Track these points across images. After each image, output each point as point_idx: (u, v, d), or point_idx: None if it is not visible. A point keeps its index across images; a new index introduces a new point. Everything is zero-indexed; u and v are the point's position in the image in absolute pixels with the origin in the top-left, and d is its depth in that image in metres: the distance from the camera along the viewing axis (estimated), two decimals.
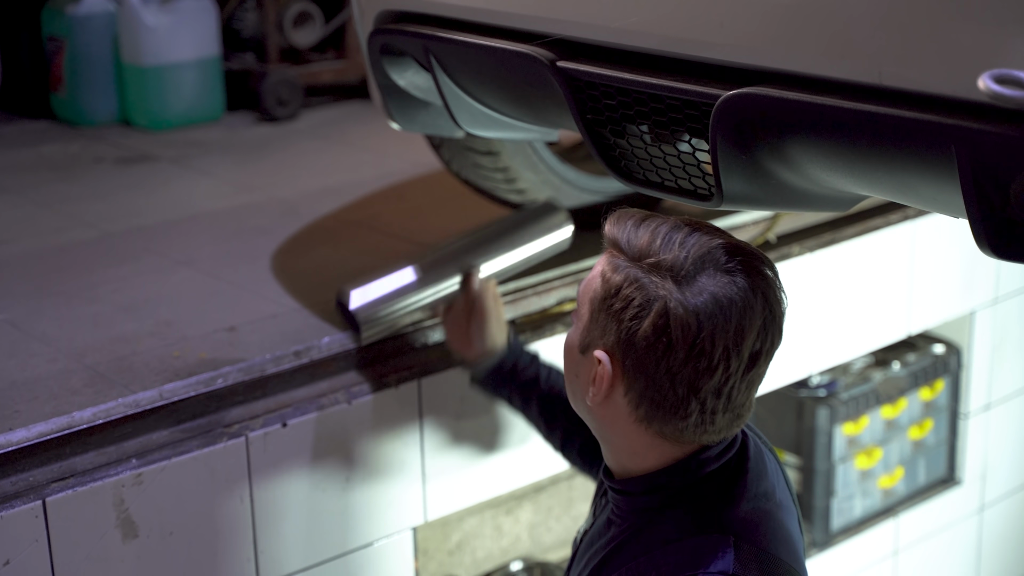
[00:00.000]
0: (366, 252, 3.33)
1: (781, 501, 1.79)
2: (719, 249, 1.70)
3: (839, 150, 1.83)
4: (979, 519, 4.08)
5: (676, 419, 1.71)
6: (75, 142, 4.54)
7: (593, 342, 1.73)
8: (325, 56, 5.14)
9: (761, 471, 1.78)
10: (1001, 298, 3.87)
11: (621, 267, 1.70)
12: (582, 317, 1.75)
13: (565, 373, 1.82)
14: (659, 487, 1.74)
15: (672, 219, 1.74)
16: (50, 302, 3.01)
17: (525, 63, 2.20)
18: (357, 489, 2.61)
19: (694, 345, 1.66)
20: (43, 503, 2.23)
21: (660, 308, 1.66)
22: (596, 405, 1.75)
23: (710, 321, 1.66)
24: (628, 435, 1.75)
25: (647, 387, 1.69)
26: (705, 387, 1.68)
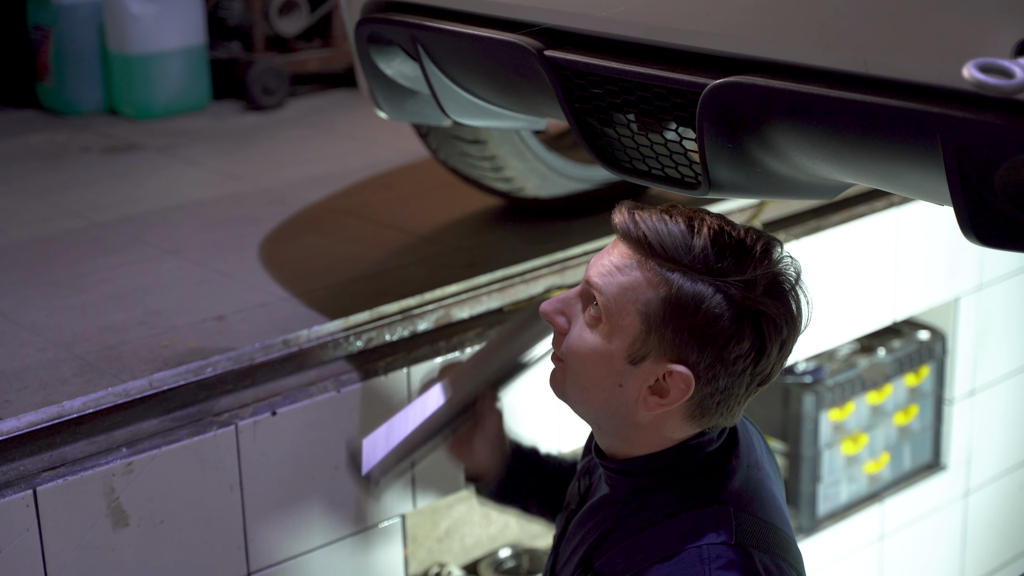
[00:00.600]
0: (354, 240, 3.34)
1: (768, 470, 1.80)
2: (763, 242, 1.67)
3: (825, 138, 1.84)
4: (964, 504, 4.10)
5: (732, 410, 1.70)
6: (61, 131, 4.54)
7: (655, 354, 1.65)
8: (311, 44, 5.14)
9: (749, 443, 1.79)
10: (985, 284, 3.89)
11: (684, 280, 1.63)
12: (626, 327, 1.65)
13: (588, 379, 1.71)
14: (661, 468, 1.73)
15: (696, 213, 1.68)
16: (39, 292, 3.01)
17: (513, 52, 2.21)
18: (346, 477, 2.62)
19: (784, 346, 1.66)
20: (34, 492, 2.24)
21: (750, 320, 1.63)
22: (652, 412, 1.69)
23: (791, 318, 1.67)
24: (668, 430, 1.71)
25: (722, 390, 1.67)
26: (771, 379, 1.70)
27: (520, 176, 3.23)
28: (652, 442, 1.73)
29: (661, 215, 1.67)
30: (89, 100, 4.76)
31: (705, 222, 1.66)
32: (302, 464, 2.56)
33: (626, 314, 1.65)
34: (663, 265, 1.64)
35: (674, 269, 1.63)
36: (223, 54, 4.97)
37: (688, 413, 1.70)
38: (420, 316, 2.80)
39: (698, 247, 1.63)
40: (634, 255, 1.66)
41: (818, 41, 1.81)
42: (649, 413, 1.69)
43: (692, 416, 1.70)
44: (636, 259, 1.65)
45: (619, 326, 1.66)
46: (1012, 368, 4.10)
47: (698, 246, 1.63)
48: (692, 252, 1.63)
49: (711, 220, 1.67)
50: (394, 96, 2.73)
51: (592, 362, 1.69)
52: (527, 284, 2.96)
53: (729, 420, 1.73)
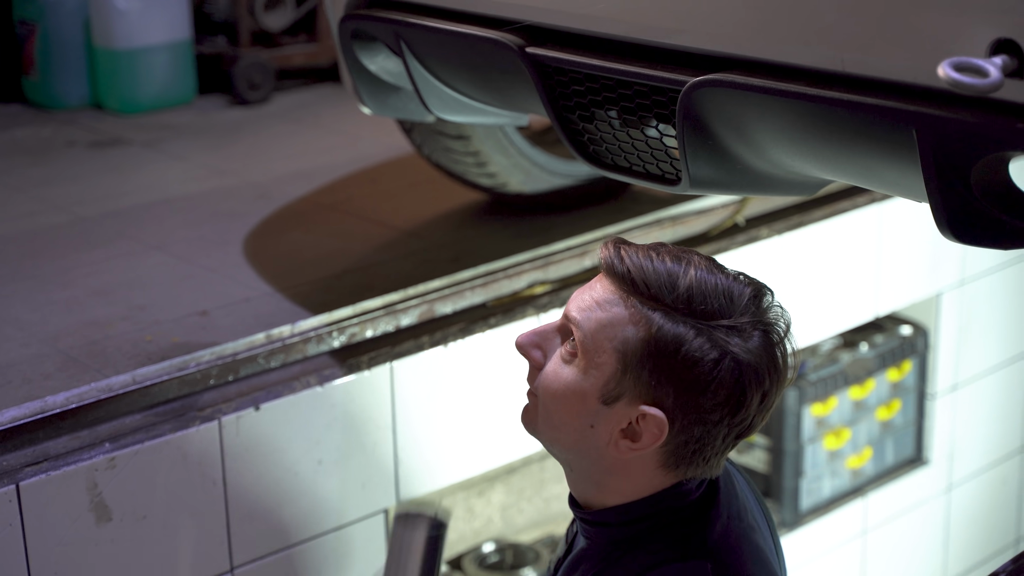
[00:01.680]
0: (338, 235, 3.35)
1: (753, 522, 1.71)
2: (753, 290, 1.61)
3: (804, 136, 1.86)
4: (947, 499, 4.13)
5: (710, 462, 1.63)
6: (47, 126, 4.54)
7: (630, 395, 1.59)
8: (297, 39, 5.14)
9: (731, 492, 1.70)
10: (967, 280, 3.91)
11: (666, 321, 1.57)
12: (601, 365, 1.59)
13: (560, 418, 1.65)
14: (636, 519, 1.65)
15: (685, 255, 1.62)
16: (23, 286, 3.02)
17: (495, 49, 2.22)
18: (330, 472, 2.63)
19: (765, 396, 1.59)
20: (16, 487, 2.24)
21: (730, 366, 1.56)
22: (622, 456, 1.62)
23: (774, 367, 1.60)
24: (636, 476, 1.64)
25: (697, 439, 1.60)
26: (751, 432, 1.63)
27: (504, 172, 3.24)
28: (626, 490, 1.65)
29: (648, 252, 1.61)
30: (75, 94, 4.75)
31: (693, 263, 1.60)
32: (285, 459, 2.57)
33: (603, 351, 1.59)
34: (645, 304, 1.58)
35: (656, 308, 1.57)
36: (209, 49, 4.97)
37: (662, 461, 1.62)
38: (403, 311, 2.80)
39: (682, 287, 1.57)
40: (617, 291, 1.60)
41: (796, 39, 1.83)
42: (621, 458, 1.63)
43: (666, 465, 1.63)
44: (618, 295, 1.60)
45: (595, 363, 1.60)
46: (994, 363, 4.12)
47: (683, 286, 1.57)
48: (676, 291, 1.57)
49: (699, 261, 1.61)
50: (378, 92, 2.74)
51: (564, 399, 1.63)
52: (510, 279, 2.96)
53: (707, 471, 1.65)
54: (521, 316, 2.89)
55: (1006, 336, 4.12)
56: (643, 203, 3.39)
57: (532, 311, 2.91)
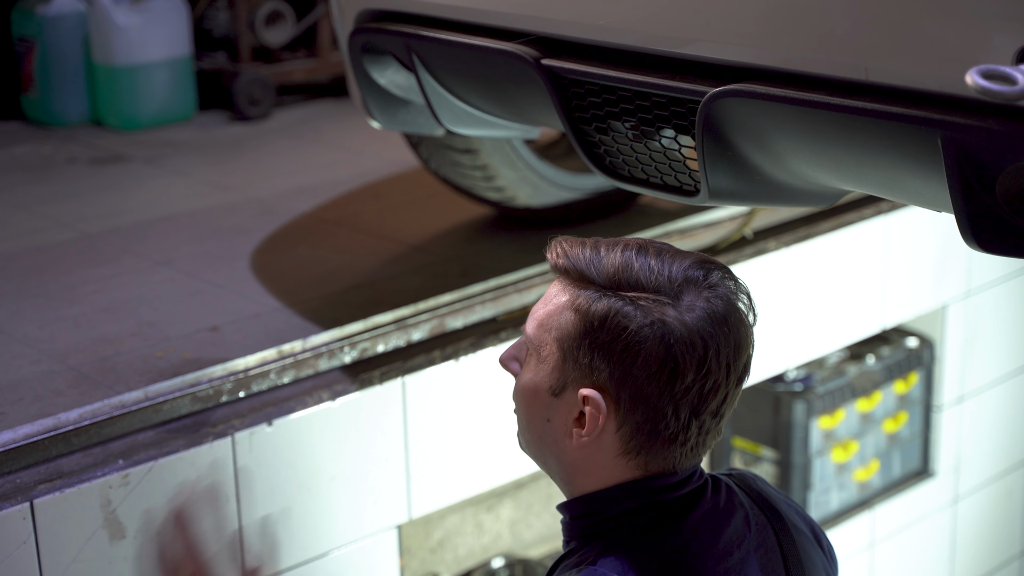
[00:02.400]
0: (345, 251, 3.34)
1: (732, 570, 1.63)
2: (693, 265, 1.60)
3: (826, 146, 1.85)
4: (953, 511, 4.12)
5: (674, 447, 1.60)
6: (47, 143, 4.52)
7: (572, 381, 1.59)
8: (297, 55, 5.13)
9: (715, 525, 1.64)
10: (973, 291, 3.91)
11: (596, 297, 1.57)
12: (546, 357, 1.60)
13: (525, 419, 1.66)
14: (589, 512, 1.63)
15: (623, 240, 1.62)
16: (30, 303, 3.00)
17: (509, 61, 2.22)
18: (342, 487, 2.62)
19: (701, 365, 1.56)
20: (31, 505, 2.22)
21: (659, 333, 1.54)
22: (579, 446, 1.61)
23: (712, 339, 1.56)
24: (602, 469, 1.62)
25: (646, 418, 1.57)
26: (708, 408, 1.58)
27: (512, 185, 3.23)
28: (589, 485, 1.63)
29: (581, 242, 1.63)
30: (74, 111, 4.74)
31: (625, 243, 1.61)
32: (298, 475, 2.55)
33: (545, 343, 1.61)
34: (577, 287, 1.59)
35: (587, 288, 1.58)
36: (209, 65, 4.97)
37: (621, 448, 1.60)
38: (414, 326, 2.79)
39: (608, 265, 1.58)
40: (557, 286, 1.63)
41: (818, 49, 1.82)
42: (579, 450, 1.61)
43: (626, 452, 1.60)
44: (558, 289, 1.62)
45: (541, 357, 1.61)
46: (1000, 374, 4.12)
47: (607, 262, 1.58)
48: (602, 271, 1.58)
49: (634, 242, 1.61)
50: (387, 106, 2.73)
51: (524, 399, 1.65)
52: (520, 293, 2.96)
53: (673, 460, 1.61)
54: None
55: (1012, 348, 4.12)
56: (651, 216, 3.39)
57: None
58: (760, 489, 1.76)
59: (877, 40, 1.75)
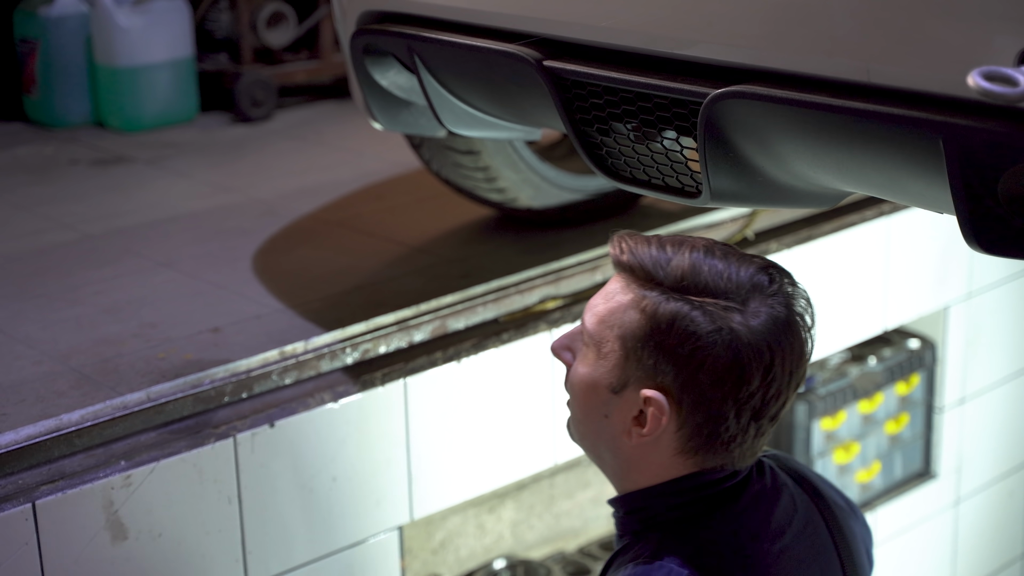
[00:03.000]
0: (347, 252, 3.34)
1: (787, 549, 1.65)
2: (759, 270, 1.61)
3: (828, 148, 1.85)
4: (955, 512, 4.12)
5: (731, 448, 1.61)
6: (49, 144, 4.53)
7: (634, 380, 1.60)
8: (299, 56, 5.14)
9: (765, 508, 1.66)
10: (974, 293, 3.91)
11: (662, 299, 1.58)
12: (607, 354, 1.61)
13: (581, 413, 1.67)
14: (639, 509, 1.66)
15: (688, 240, 1.63)
16: (32, 304, 3.00)
17: (511, 62, 2.22)
18: (344, 488, 2.62)
19: (767, 372, 1.57)
20: (33, 506, 2.23)
21: (727, 339, 1.55)
22: (637, 444, 1.62)
23: (778, 345, 1.57)
24: (657, 467, 1.64)
25: (707, 421, 1.59)
26: (768, 413, 1.60)
27: (513, 187, 3.23)
28: (642, 481, 1.65)
29: (647, 239, 1.64)
30: (76, 113, 4.74)
31: (691, 244, 1.62)
32: (300, 476, 2.56)
33: (607, 340, 1.62)
34: (643, 287, 1.60)
35: (653, 289, 1.59)
36: (211, 66, 4.97)
37: (678, 448, 1.62)
38: (416, 327, 2.80)
39: (675, 265, 1.59)
40: (620, 282, 1.63)
41: (820, 50, 1.82)
42: (637, 447, 1.62)
43: (683, 452, 1.62)
44: (621, 285, 1.63)
45: (602, 353, 1.62)
46: (1001, 376, 4.12)
47: (676, 264, 1.59)
48: (670, 272, 1.59)
49: (700, 243, 1.62)
50: (389, 107, 2.73)
51: (582, 393, 1.66)
52: (522, 294, 2.96)
53: (729, 460, 1.63)
54: (533, 331, 2.88)
55: (1013, 349, 4.12)
56: (653, 217, 3.39)
57: (544, 326, 2.90)
58: (796, 468, 1.80)
59: (879, 41, 1.75)
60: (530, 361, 2.87)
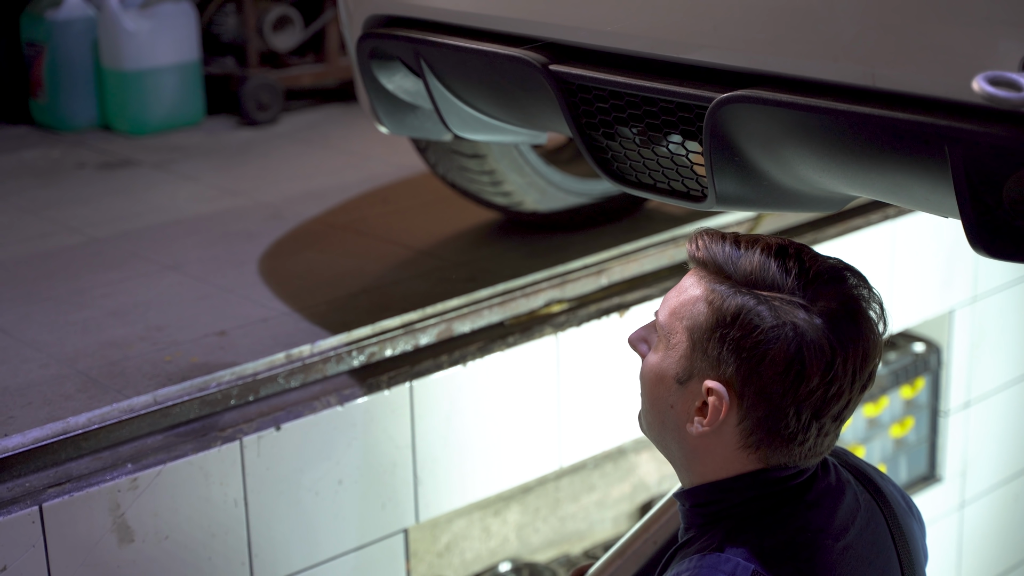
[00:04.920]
0: (353, 255, 3.34)
1: (850, 546, 1.67)
2: (830, 269, 1.63)
3: (833, 152, 1.86)
4: (960, 516, 4.12)
5: (792, 446, 1.63)
6: (56, 147, 4.54)
7: (699, 372, 1.63)
8: (305, 60, 5.15)
9: (830, 506, 1.68)
10: (979, 296, 3.91)
11: (730, 293, 1.60)
12: (675, 345, 1.64)
13: (648, 403, 1.70)
14: (707, 503, 1.68)
15: (763, 238, 1.66)
16: (39, 308, 3.01)
17: (517, 67, 2.22)
18: (350, 491, 2.62)
19: (828, 371, 1.58)
20: (40, 508, 2.23)
21: (789, 335, 1.57)
22: (699, 435, 1.64)
23: (841, 345, 1.59)
24: (722, 460, 1.66)
25: (767, 416, 1.60)
26: (830, 412, 1.61)
27: (519, 190, 3.24)
28: (708, 473, 1.67)
29: (722, 236, 1.66)
30: (83, 116, 4.75)
31: (764, 242, 1.64)
32: (306, 479, 2.56)
33: (676, 332, 1.65)
34: (714, 281, 1.63)
35: (722, 284, 1.62)
36: (217, 69, 4.98)
37: (740, 442, 1.64)
38: (422, 330, 2.80)
39: (745, 260, 1.62)
40: (693, 277, 1.66)
41: (825, 55, 1.82)
42: (699, 438, 1.65)
43: (746, 447, 1.64)
44: (694, 280, 1.66)
45: (671, 344, 1.65)
46: (1006, 379, 4.12)
47: (746, 260, 1.62)
48: (738, 266, 1.61)
49: (774, 241, 1.65)
50: (395, 111, 2.74)
51: (649, 383, 1.69)
52: (527, 298, 2.96)
53: (792, 458, 1.65)
54: (539, 335, 2.89)
55: (1018, 353, 4.12)
56: (658, 221, 3.39)
57: (550, 329, 2.91)
58: (856, 464, 1.81)
59: (884, 46, 1.76)
60: (536, 364, 2.87)
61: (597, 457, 3.25)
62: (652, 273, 3.17)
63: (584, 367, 2.95)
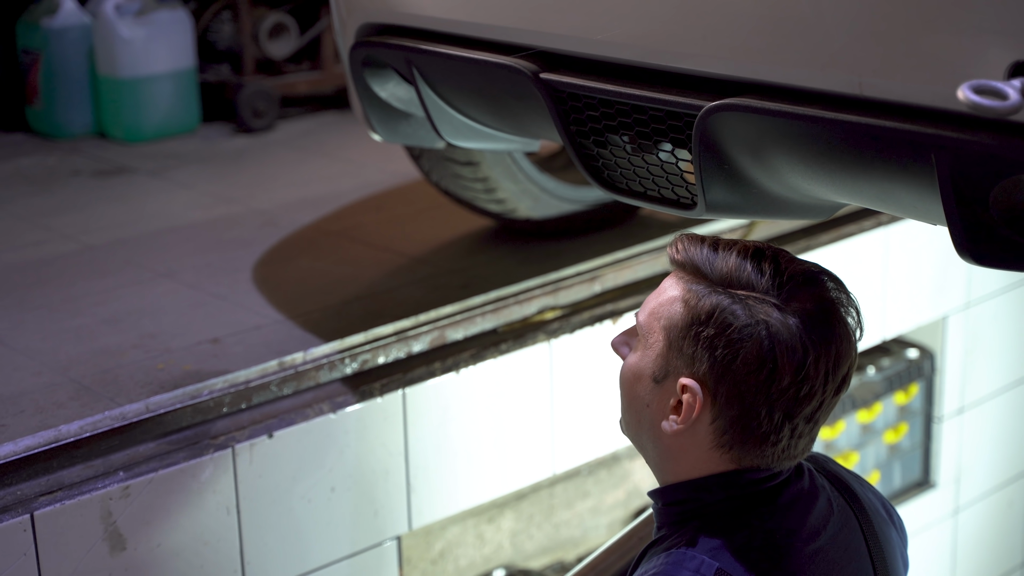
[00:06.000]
0: (347, 262, 3.35)
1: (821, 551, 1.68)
2: (806, 273, 1.66)
3: (821, 160, 1.86)
4: (954, 522, 4.12)
5: (765, 446, 1.64)
6: (52, 155, 4.54)
7: (675, 370, 1.65)
8: (300, 67, 5.15)
9: (802, 509, 1.69)
10: (973, 302, 3.91)
11: (706, 293, 1.63)
12: (652, 344, 1.67)
13: (626, 402, 1.72)
14: (679, 501, 1.69)
15: (741, 242, 1.69)
16: (32, 315, 3.01)
17: (508, 75, 2.23)
18: (343, 499, 2.63)
19: (799, 370, 1.60)
20: (31, 517, 2.24)
21: (762, 333, 1.60)
22: (674, 434, 1.66)
23: (813, 345, 1.61)
24: (695, 459, 1.67)
25: (740, 415, 1.62)
26: (802, 412, 1.63)
27: (512, 197, 3.24)
28: (681, 472, 1.69)
29: (703, 240, 1.69)
30: (79, 123, 4.76)
31: (742, 245, 1.67)
32: (298, 486, 2.56)
33: (653, 331, 1.67)
34: (691, 282, 1.66)
35: (699, 283, 1.65)
36: (213, 77, 4.98)
37: (714, 441, 1.65)
38: (415, 337, 2.80)
39: (721, 261, 1.64)
40: (672, 278, 1.69)
41: (813, 63, 1.83)
42: (674, 436, 1.66)
43: (719, 446, 1.65)
44: (673, 281, 1.68)
45: (648, 344, 1.68)
46: (1000, 385, 4.12)
47: (722, 261, 1.64)
48: (714, 266, 1.64)
49: (752, 245, 1.67)
50: (388, 119, 2.75)
51: (628, 382, 1.71)
52: (521, 305, 2.97)
53: (765, 460, 1.66)
54: (532, 342, 2.89)
55: (1012, 359, 4.13)
56: (651, 228, 3.40)
57: (543, 336, 2.91)
58: (834, 471, 1.82)
59: (871, 55, 1.76)
60: (529, 371, 2.88)
61: (591, 463, 3.25)
62: (645, 280, 3.18)
63: (577, 374, 2.95)
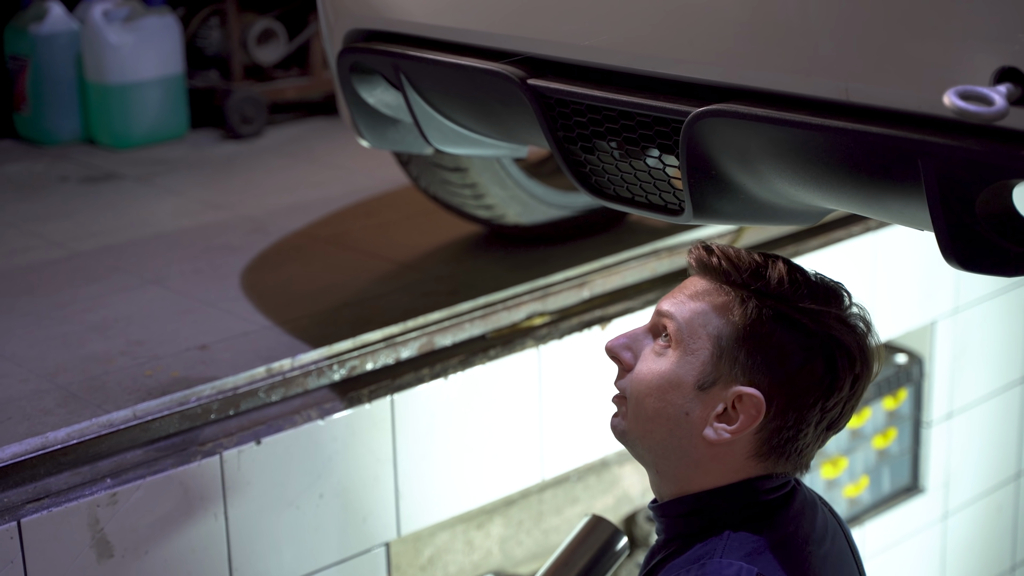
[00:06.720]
0: (336, 269, 3.35)
1: (828, 554, 1.70)
2: (835, 286, 1.69)
3: (808, 165, 1.86)
4: (943, 526, 4.12)
5: (799, 456, 1.66)
6: (39, 161, 4.53)
7: (725, 379, 1.63)
8: (289, 73, 5.15)
9: (810, 515, 1.71)
10: (961, 308, 3.92)
11: (756, 301, 1.63)
12: (696, 351, 1.64)
13: (650, 411, 1.67)
14: (701, 510, 1.68)
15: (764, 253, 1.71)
16: (19, 322, 3.01)
17: (496, 81, 2.23)
18: (331, 505, 2.62)
19: (855, 383, 1.64)
20: (18, 524, 2.23)
21: (827, 344, 1.61)
22: (717, 443, 1.64)
23: (865, 359, 1.64)
24: (727, 468, 1.66)
25: (791, 424, 1.63)
26: (838, 425, 1.67)
27: (501, 203, 3.24)
28: (709, 482, 1.67)
29: (736, 248, 1.70)
30: (67, 130, 4.75)
31: (778, 258, 1.69)
32: (286, 493, 2.56)
33: (697, 338, 1.65)
34: (738, 290, 1.65)
35: (750, 293, 1.64)
36: (201, 83, 4.98)
37: (754, 449, 1.65)
38: (403, 344, 2.80)
39: (773, 273, 1.65)
40: (709, 283, 1.67)
41: (799, 69, 1.83)
42: (713, 445, 1.64)
43: (759, 454, 1.65)
44: (710, 287, 1.67)
45: (690, 350, 1.65)
46: (989, 390, 4.13)
47: (773, 272, 1.65)
48: (767, 277, 1.64)
49: (782, 259, 1.70)
50: (376, 125, 2.75)
51: (660, 390, 1.67)
52: (509, 311, 2.97)
53: (795, 467, 1.67)
54: (520, 348, 2.89)
55: (1000, 363, 4.13)
56: (640, 234, 3.40)
57: (531, 342, 2.91)
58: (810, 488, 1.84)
59: (857, 60, 1.77)
60: (517, 377, 2.87)
61: (580, 469, 3.25)
62: (634, 286, 3.18)
63: (566, 380, 2.95)
